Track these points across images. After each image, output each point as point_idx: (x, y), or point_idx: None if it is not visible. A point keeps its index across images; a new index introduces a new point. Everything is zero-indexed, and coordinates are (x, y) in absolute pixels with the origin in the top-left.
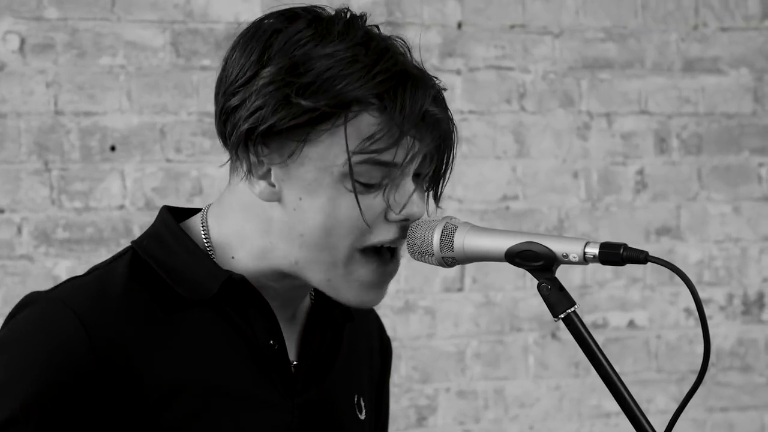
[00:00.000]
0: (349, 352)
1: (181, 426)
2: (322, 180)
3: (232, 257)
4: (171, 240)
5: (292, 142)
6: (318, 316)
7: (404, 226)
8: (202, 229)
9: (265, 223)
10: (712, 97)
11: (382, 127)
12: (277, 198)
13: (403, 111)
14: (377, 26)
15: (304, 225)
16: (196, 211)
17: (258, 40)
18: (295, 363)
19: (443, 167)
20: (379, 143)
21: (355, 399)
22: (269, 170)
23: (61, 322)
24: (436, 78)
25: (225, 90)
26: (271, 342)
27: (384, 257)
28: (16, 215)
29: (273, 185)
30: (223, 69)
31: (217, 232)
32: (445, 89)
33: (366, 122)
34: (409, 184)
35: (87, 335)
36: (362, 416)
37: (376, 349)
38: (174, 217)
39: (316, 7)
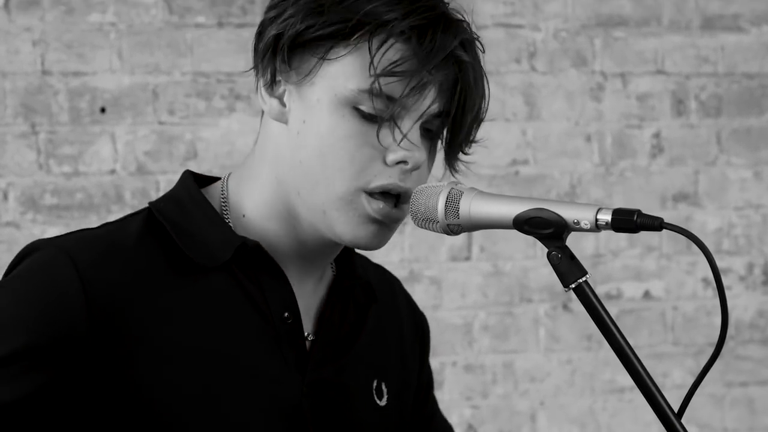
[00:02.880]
0: (373, 334)
1: (177, 391)
2: (326, 101)
3: (243, 215)
4: (189, 203)
5: (312, 59)
6: (340, 291)
7: (404, 171)
8: (221, 193)
9: (273, 155)
10: (732, 57)
11: (404, 56)
12: (285, 119)
13: (431, 45)
14: None
15: (303, 150)
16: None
17: None
18: (310, 338)
19: (462, 125)
20: (399, 67)
21: (375, 384)
22: (285, 90)
23: (60, 275)
24: (476, 35)
25: (267, 8)
26: (286, 314)
27: (389, 201)
28: (2, 180)
29: (284, 105)
30: None
31: (235, 192)
32: (482, 50)
33: (389, 47)
34: (408, 124)
35: (83, 290)
36: (382, 402)
37: (409, 332)
38: (197, 182)
39: None
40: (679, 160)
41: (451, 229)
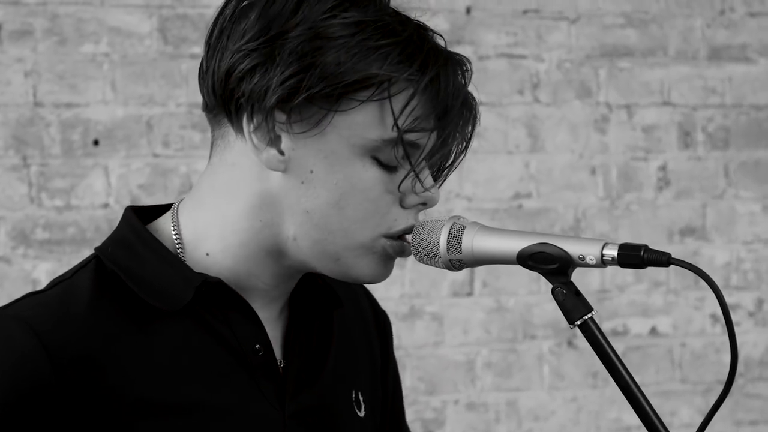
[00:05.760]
0: (342, 343)
1: None
2: (342, 152)
3: (207, 254)
4: (138, 245)
5: (321, 110)
6: (300, 307)
7: (420, 210)
8: (172, 227)
9: (257, 198)
10: (739, 88)
11: (425, 110)
12: (283, 168)
13: (446, 94)
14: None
15: (312, 201)
16: (166, 208)
17: None
18: (282, 365)
19: (458, 151)
20: (423, 123)
21: (353, 395)
22: (279, 136)
23: (19, 343)
24: (465, 59)
25: (235, 47)
26: (257, 347)
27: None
28: None
29: (282, 153)
30: (232, 19)
31: (191, 228)
32: (469, 68)
33: (405, 98)
34: (427, 169)
35: (48, 356)
36: (361, 413)
37: (373, 332)
38: (141, 218)
39: None
40: (686, 193)
41: (454, 265)
